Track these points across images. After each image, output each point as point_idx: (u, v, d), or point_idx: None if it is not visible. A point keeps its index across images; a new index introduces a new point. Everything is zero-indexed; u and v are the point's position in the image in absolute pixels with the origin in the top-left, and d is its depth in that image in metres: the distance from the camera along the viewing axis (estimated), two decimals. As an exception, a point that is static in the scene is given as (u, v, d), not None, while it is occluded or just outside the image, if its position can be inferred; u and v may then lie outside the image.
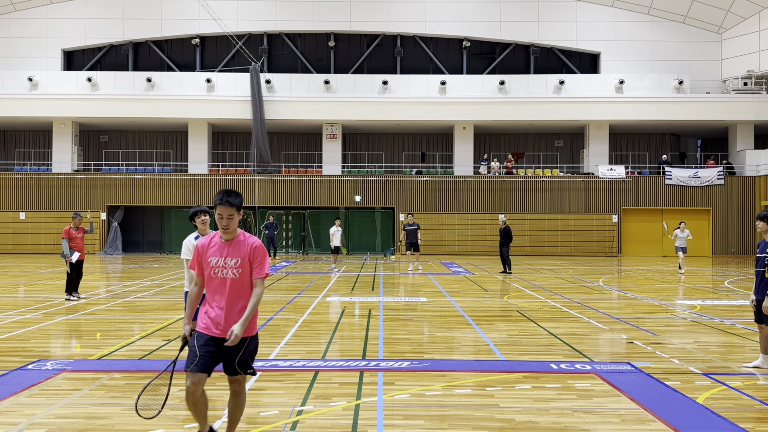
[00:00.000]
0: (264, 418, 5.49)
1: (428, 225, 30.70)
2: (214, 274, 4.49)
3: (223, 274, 4.48)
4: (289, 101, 31.50)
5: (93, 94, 31.65)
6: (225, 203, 4.46)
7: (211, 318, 4.47)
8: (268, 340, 8.92)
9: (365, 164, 33.98)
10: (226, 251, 4.51)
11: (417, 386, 6.52)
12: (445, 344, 8.79)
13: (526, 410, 5.75)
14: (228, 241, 4.54)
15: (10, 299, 13.59)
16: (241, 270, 4.48)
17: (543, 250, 30.68)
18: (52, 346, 8.74)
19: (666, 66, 33.09)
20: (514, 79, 32.20)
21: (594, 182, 31.16)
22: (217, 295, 4.50)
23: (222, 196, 4.49)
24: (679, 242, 20.87)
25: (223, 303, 4.47)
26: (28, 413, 5.61)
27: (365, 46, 34.40)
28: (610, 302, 13.65)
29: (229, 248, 4.52)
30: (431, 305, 12.75)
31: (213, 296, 4.52)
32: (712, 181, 30.91)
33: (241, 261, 4.50)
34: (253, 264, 4.54)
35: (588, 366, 7.40)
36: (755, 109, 31.07)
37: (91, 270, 20.79)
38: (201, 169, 32.28)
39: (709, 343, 8.95)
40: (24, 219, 31.03)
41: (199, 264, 4.58)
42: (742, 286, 16.91)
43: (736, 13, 32.12)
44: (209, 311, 4.50)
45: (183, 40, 34.28)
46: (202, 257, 4.56)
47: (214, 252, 4.53)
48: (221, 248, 4.53)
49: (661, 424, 5.35)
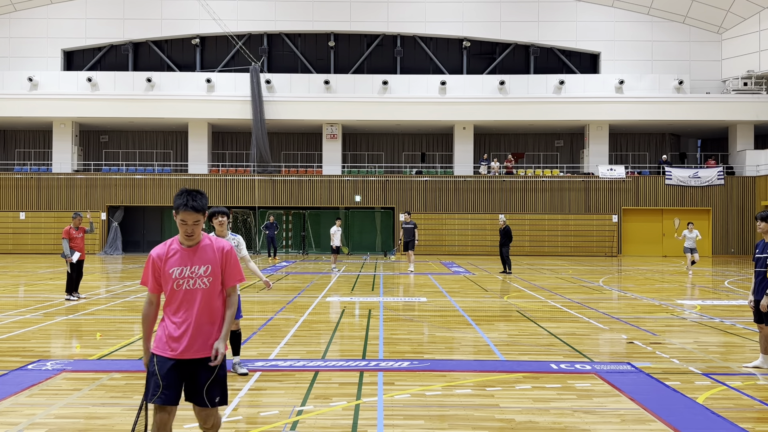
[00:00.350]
0: (264, 418, 5.49)
1: (428, 225, 30.73)
2: (177, 286, 3.89)
3: (190, 286, 3.89)
4: (289, 101, 31.50)
5: (93, 94, 31.65)
6: (190, 209, 3.85)
7: (175, 338, 3.86)
8: (268, 340, 8.92)
9: (365, 164, 33.98)
10: (192, 259, 3.91)
11: (417, 386, 6.52)
12: (445, 344, 8.79)
13: (526, 410, 5.75)
14: (191, 247, 3.94)
15: (10, 299, 13.58)
16: (212, 279, 3.93)
17: (543, 250, 30.68)
18: (52, 346, 8.74)
19: (666, 66, 33.10)
20: (514, 79, 32.20)
21: (594, 182, 31.16)
22: (181, 311, 3.89)
23: (185, 200, 3.85)
24: (688, 243, 20.78)
25: (190, 319, 3.87)
26: (28, 413, 5.61)
27: (365, 46, 34.41)
28: (610, 302, 13.65)
29: (194, 255, 3.93)
30: (431, 305, 12.75)
31: (175, 312, 3.91)
32: (712, 181, 30.91)
33: (212, 268, 3.93)
34: (226, 270, 4.00)
35: (588, 366, 7.40)
36: (755, 109, 31.08)
37: (91, 270, 20.79)
38: (201, 169, 32.28)
39: (709, 343, 8.95)
40: (24, 219, 31.03)
41: (156, 278, 3.95)
42: (742, 286, 16.91)
43: (736, 13, 32.12)
44: (170, 330, 3.88)
45: (183, 40, 34.29)
46: (161, 269, 3.93)
47: (176, 261, 3.91)
48: (184, 256, 3.92)
49: (661, 424, 5.35)
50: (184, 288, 3.89)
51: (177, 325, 3.88)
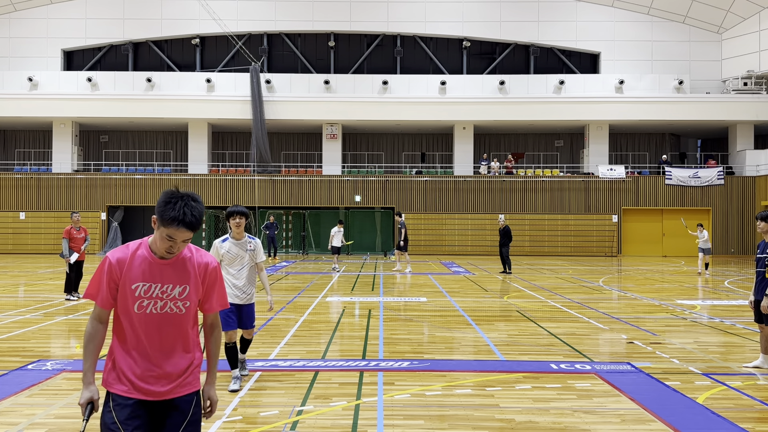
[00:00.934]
0: (264, 418, 5.49)
1: (428, 225, 30.76)
2: (140, 308, 2.98)
3: (157, 309, 3.00)
4: (289, 101, 31.50)
5: (93, 94, 31.65)
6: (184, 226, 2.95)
7: (138, 374, 3.00)
8: (268, 340, 8.92)
9: (365, 164, 33.98)
10: (164, 274, 3.02)
11: (417, 386, 6.52)
12: (445, 344, 8.79)
13: (526, 410, 5.75)
14: (165, 259, 3.04)
15: (10, 299, 13.58)
16: (189, 303, 3.05)
17: (543, 250, 30.68)
18: (52, 346, 8.74)
19: (666, 66, 33.10)
20: (514, 79, 32.21)
21: (594, 182, 31.16)
22: (146, 338, 3.01)
23: (180, 214, 2.94)
24: (702, 244, 20.85)
25: (155, 350, 3.02)
26: (28, 413, 5.61)
27: (365, 46, 34.41)
28: (610, 302, 13.65)
29: (169, 270, 3.03)
30: (431, 305, 12.75)
31: (137, 341, 3.01)
32: (712, 181, 30.91)
33: (190, 290, 3.06)
34: (209, 292, 3.15)
35: (588, 366, 7.40)
36: (755, 109, 31.08)
37: (90, 270, 20.75)
38: (201, 169, 32.28)
39: (709, 343, 8.95)
40: (24, 219, 31.03)
41: (111, 289, 3.01)
42: (742, 286, 16.91)
43: (736, 13, 32.12)
44: (132, 364, 3.01)
45: (183, 40, 34.28)
46: (118, 279, 3.00)
47: (142, 274, 3.00)
48: (155, 269, 3.01)
49: (661, 424, 5.35)
50: (149, 311, 3.00)
51: (138, 357, 3.02)
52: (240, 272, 6.44)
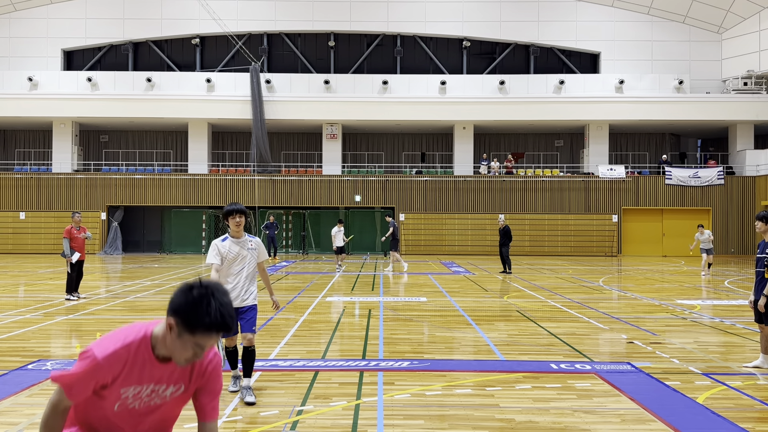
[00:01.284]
0: (264, 418, 5.49)
1: (428, 225, 30.77)
2: (120, 407, 2.54)
3: (138, 406, 2.57)
4: (289, 101, 31.50)
5: (93, 94, 31.64)
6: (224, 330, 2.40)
7: None
8: (268, 340, 8.92)
9: (365, 164, 33.98)
10: (161, 375, 2.55)
11: (417, 386, 6.52)
12: (445, 344, 8.79)
13: (526, 410, 5.75)
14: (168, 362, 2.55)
15: (10, 299, 13.58)
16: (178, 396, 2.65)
17: (543, 250, 30.68)
18: (52, 346, 8.74)
19: (666, 66, 33.09)
20: (514, 79, 32.20)
21: (594, 182, 31.16)
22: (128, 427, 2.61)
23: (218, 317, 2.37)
24: (704, 244, 20.85)
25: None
26: (28, 413, 5.60)
27: (365, 46, 34.40)
28: (610, 302, 13.65)
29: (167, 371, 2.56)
30: (431, 305, 12.75)
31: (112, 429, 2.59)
32: (712, 181, 30.91)
33: (185, 387, 2.64)
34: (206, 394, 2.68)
35: (588, 366, 7.40)
36: (755, 109, 31.08)
37: (91, 270, 20.79)
38: (201, 169, 32.28)
39: (709, 343, 8.95)
40: (24, 219, 31.02)
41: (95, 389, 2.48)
42: (742, 286, 16.91)
43: (736, 13, 32.12)
44: None
45: (183, 40, 34.28)
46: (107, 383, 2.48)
47: (138, 378, 2.52)
48: (153, 372, 2.53)
49: (661, 424, 5.35)
50: (130, 407, 2.57)
51: None
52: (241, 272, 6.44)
